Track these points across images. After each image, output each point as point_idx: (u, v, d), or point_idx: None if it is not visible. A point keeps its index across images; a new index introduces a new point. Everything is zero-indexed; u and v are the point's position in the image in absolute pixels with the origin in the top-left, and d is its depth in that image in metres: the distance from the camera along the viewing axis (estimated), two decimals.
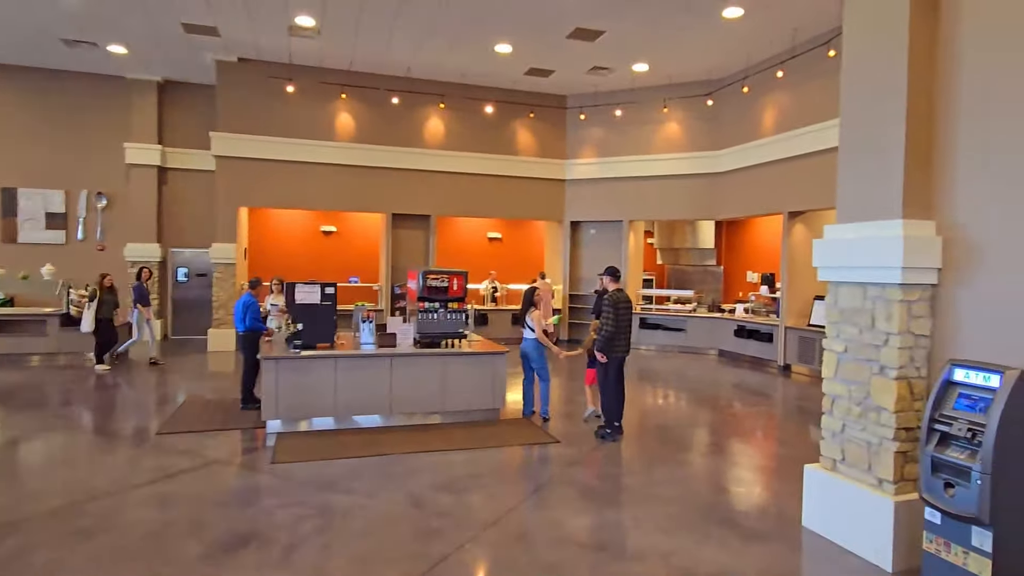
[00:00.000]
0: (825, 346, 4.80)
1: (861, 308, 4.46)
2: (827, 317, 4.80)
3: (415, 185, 14.06)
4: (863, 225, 4.47)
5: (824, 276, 4.83)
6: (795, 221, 11.72)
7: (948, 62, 4.16)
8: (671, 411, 8.77)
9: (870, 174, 4.49)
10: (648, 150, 14.14)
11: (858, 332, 4.48)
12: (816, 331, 10.97)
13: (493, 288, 15.23)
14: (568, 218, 15.04)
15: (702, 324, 13.57)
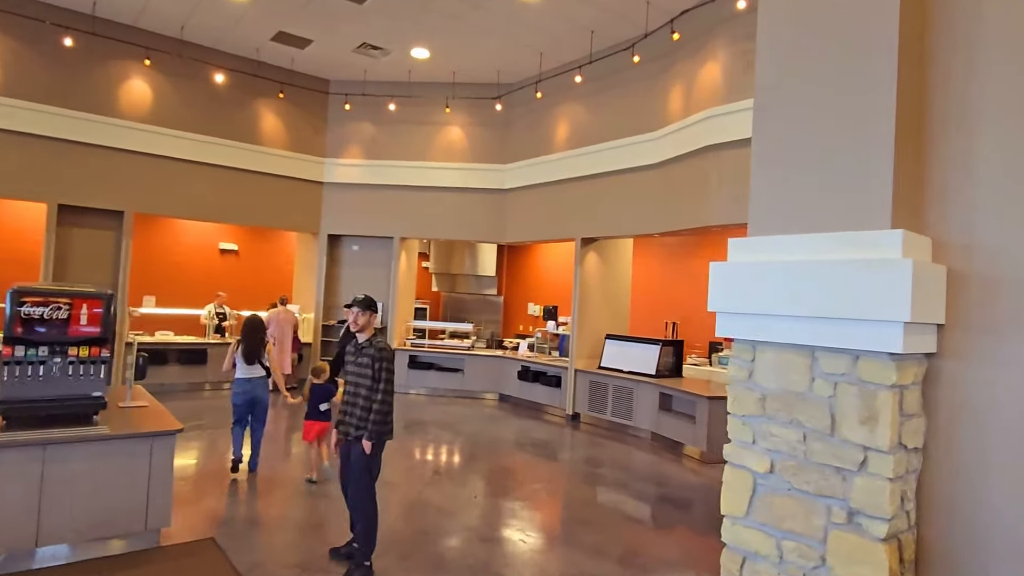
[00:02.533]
0: (729, 456, 2.64)
1: (807, 395, 2.37)
2: (733, 400, 2.66)
3: (101, 167, 9.87)
4: (820, 240, 2.40)
5: (728, 329, 2.70)
6: (588, 249, 10.20)
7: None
8: (438, 502, 6.26)
9: (833, 149, 2.46)
10: (426, 156, 11.78)
11: (799, 439, 2.38)
12: (609, 375, 9.42)
13: (220, 315, 11.46)
14: (326, 230, 11.97)
15: (481, 364, 11.44)
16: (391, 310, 11.66)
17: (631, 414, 9.05)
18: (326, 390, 6.25)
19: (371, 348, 4.22)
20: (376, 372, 4.14)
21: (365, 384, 4.17)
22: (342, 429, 4.30)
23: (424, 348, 11.70)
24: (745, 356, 2.62)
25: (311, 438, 6.26)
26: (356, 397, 4.22)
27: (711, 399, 7.73)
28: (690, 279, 11.17)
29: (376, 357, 4.16)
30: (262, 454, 6.61)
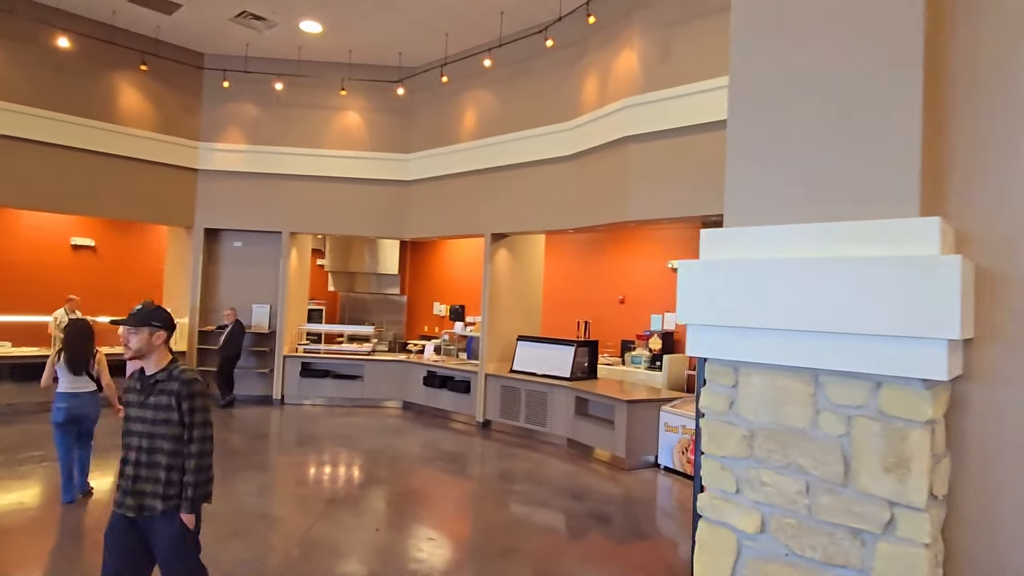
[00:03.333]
0: (704, 510, 2.07)
1: (811, 433, 1.83)
2: (709, 437, 2.09)
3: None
4: (828, 231, 1.86)
5: (701, 346, 2.12)
6: (499, 245, 9.57)
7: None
8: (332, 539, 5.39)
9: (843, 110, 1.92)
10: (319, 143, 10.69)
11: (800, 490, 1.84)
12: (522, 379, 8.86)
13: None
14: (201, 224, 10.58)
15: (383, 370, 10.54)
16: (281, 313, 10.50)
17: (546, 420, 8.54)
18: None
19: (171, 381, 2.92)
20: (184, 414, 2.91)
21: (166, 434, 2.92)
22: (130, 503, 2.90)
23: (319, 354, 10.64)
24: (724, 380, 2.05)
25: None
26: (154, 455, 2.93)
27: (630, 403, 7.34)
28: (602, 276, 10.85)
29: (182, 393, 2.89)
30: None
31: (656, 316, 10.08)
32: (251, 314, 10.67)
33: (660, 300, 10.02)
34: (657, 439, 7.46)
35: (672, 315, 9.86)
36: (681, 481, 7.02)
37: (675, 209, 6.95)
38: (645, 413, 7.43)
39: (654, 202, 7.11)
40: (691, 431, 6.99)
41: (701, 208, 6.72)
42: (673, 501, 6.54)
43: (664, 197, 7.00)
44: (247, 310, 10.63)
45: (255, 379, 10.61)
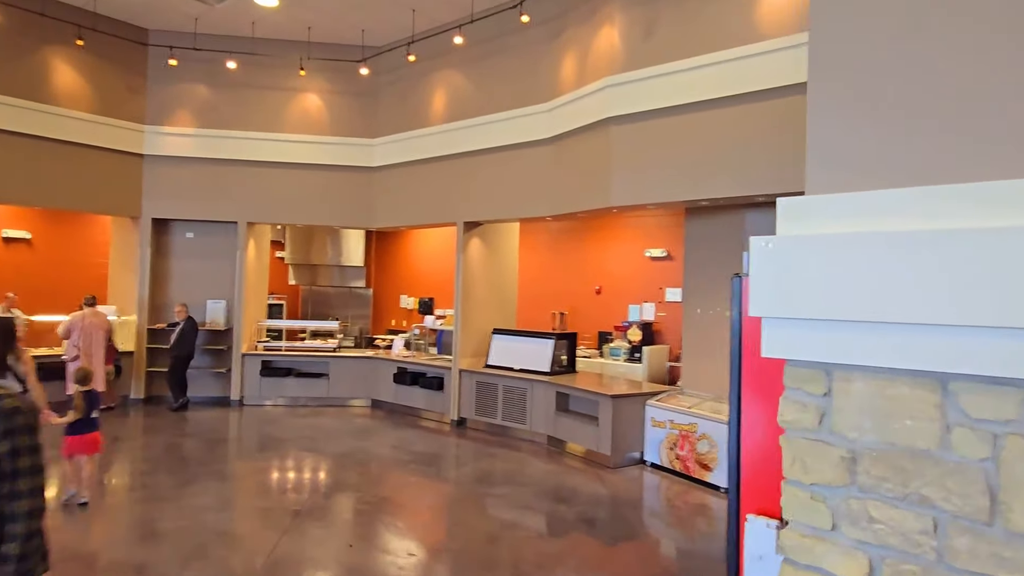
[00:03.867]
0: (789, 550, 1.64)
1: (939, 455, 1.41)
2: (793, 459, 1.66)
3: None
4: (959, 195, 1.43)
5: (783, 345, 1.68)
6: (471, 234, 9.06)
7: None
8: (300, 558, 4.85)
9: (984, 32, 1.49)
10: (277, 127, 9.97)
11: (926, 529, 1.42)
12: (498, 374, 8.39)
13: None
14: (149, 213, 9.75)
15: (350, 367, 9.94)
16: (238, 309, 9.78)
17: (524, 417, 8.10)
18: (96, 396, 5.54)
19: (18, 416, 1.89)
20: (3, 458, 1.84)
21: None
22: None
23: (281, 351, 9.96)
24: (812, 388, 1.63)
25: (89, 451, 5.39)
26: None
27: (615, 398, 6.96)
28: (577, 266, 10.46)
29: (20, 432, 1.86)
30: None
31: (634, 306, 9.74)
32: (205, 310, 9.91)
33: (638, 290, 9.68)
34: (643, 435, 7.10)
35: (651, 305, 9.55)
36: (669, 478, 6.68)
37: (660, 194, 6.57)
38: (630, 408, 7.06)
39: (638, 187, 6.71)
40: (680, 426, 6.66)
41: (688, 192, 6.35)
42: (665, 501, 6.18)
43: (648, 181, 6.61)
44: (201, 306, 9.86)
45: (211, 379, 9.87)
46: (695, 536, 5.33)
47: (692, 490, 6.32)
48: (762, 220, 6.74)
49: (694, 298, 7.44)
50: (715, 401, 6.80)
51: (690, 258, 7.54)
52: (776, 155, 5.69)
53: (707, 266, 7.29)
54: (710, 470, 6.32)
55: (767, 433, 2.39)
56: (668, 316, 9.35)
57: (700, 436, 6.42)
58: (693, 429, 6.51)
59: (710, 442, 6.33)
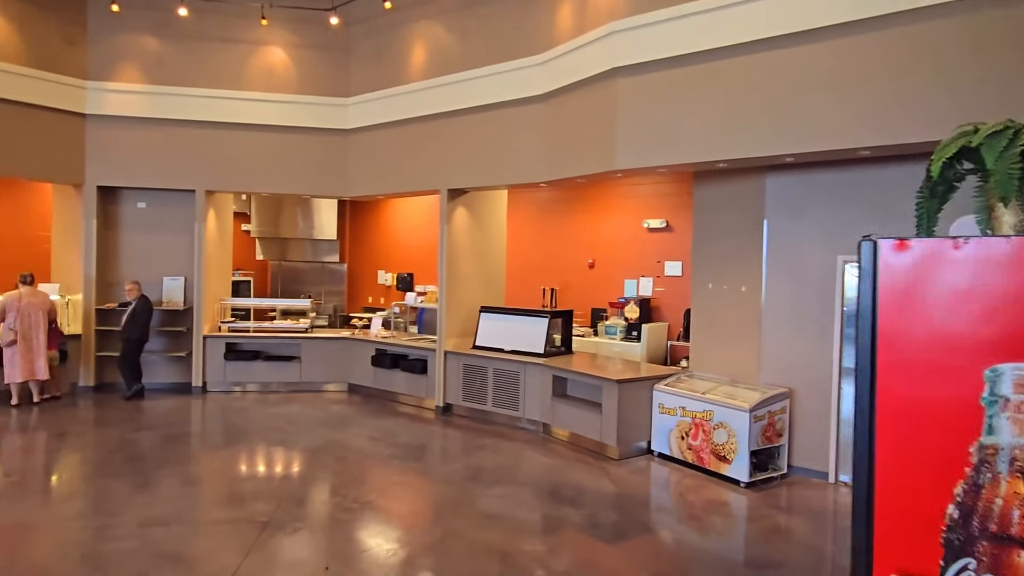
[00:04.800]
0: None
1: None
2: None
3: None
4: None
5: None
6: (456, 203, 8.19)
7: None
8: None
9: None
10: (237, 84, 8.90)
11: None
12: (487, 356, 7.63)
13: None
14: (94, 180, 8.66)
15: (324, 348, 9.07)
16: (198, 286, 8.80)
17: (517, 403, 7.37)
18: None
19: None
20: None
21: None
22: None
23: (248, 332, 9.04)
24: None
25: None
26: None
27: (621, 383, 6.25)
28: (569, 239, 9.67)
29: None
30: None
31: (630, 281, 9.02)
32: (162, 288, 8.92)
33: (635, 264, 8.95)
34: (650, 423, 6.43)
35: (649, 280, 8.83)
36: (681, 471, 6.02)
37: (673, 155, 5.78)
38: (636, 393, 6.37)
39: (647, 147, 5.91)
40: (692, 414, 5.98)
41: (706, 153, 5.58)
42: (683, 499, 5.52)
43: (659, 141, 5.81)
44: (157, 284, 8.87)
45: (169, 364, 8.93)
46: (732, 542, 4.68)
47: (709, 484, 5.67)
48: (785, 184, 6.02)
49: (704, 272, 6.73)
50: (730, 386, 6.14)
51: (700, 228, 6.80)
52: (810, 107, 4.94)
53: (719, 237, 6.56)
54: (728, 462, 5.67)
55: (922, 436, 1.68)
56: (667, 292, 8.66)
57: (717, 425, 5.76)
58: (708, 417, 5.84)
59: (728, 431, 5.67)
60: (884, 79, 4.60)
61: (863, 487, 1.79)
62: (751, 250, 6.21)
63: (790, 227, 5.99)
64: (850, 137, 4.81)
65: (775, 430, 5.74)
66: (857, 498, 1.80)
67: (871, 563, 1.77)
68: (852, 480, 1.87)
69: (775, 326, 6.05)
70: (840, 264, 5.70)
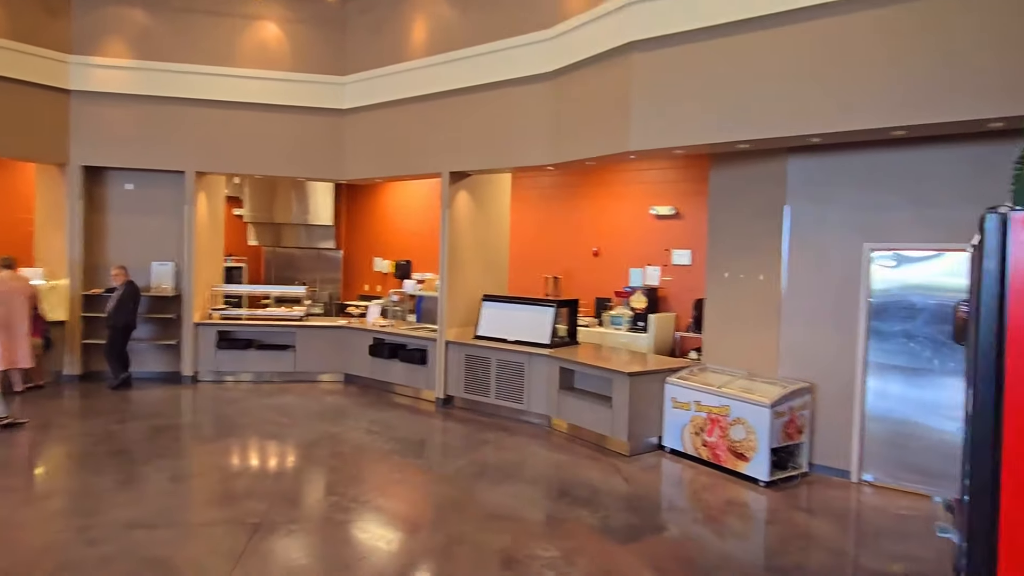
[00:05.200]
0: None
1: None
2: None
3: None
4: None
5: None
6: (458, 187, 7.82)
7: None
8: None
9: None
10: (229, 60, 8.46)
11: None
12: (490, 346, 7.29)
13: None
14: (78, 160, 8.24)
15: (319, 337, 8.71)
16: (188, 272, 8.41)
17: (521, 396, 7.04)
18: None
19: None
20: None
21: None
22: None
23: (241, 320, 8.66)
24: None
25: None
26: None
27: (633, 376, 5.93)
28: (572, 226, 9.33)
29: None
30: None
31: (636, 270, 8.69)
32: (150, 274, 8.52)
33: (641, 252, 8.62)
34: (662, 417, 6.11)
35: (655, 268, 8.50)
36: (695, 468, 5.72)
37: (692, 135, 5.42)
38: (647, 387, 6.05)
39: (663, 128, 5.55)
40: (708, 408, 5.67)
41: (727, 132, 5.22)
42: (700, 498, 5.21)
43: (678, 120, 5.45)
44: (145, 269, 8.48)
45: (159, 353, 8.56)
46: (754, 545, 4.38)
47: (726, 483, 5.38)
48: (809, 166, 5.68)
49: (719, 260, 6.39)
50: (747, 379, 5.83)
51: (715, 214, 6.46)
52: (842, 83, 4.59)
53: (737, 223, 6.22)
54: (746, 460, 5.37)
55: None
56: (675, 281, 8.34)
57: (734, 421, 5.45)
58: (725, 412, 5.53)
59: (746, 427, 5.36)
60: (927, 50, 4.25)
61: (986, 501, 1.46)
62: (770, 237, 5.88)
63: (813, 213, 5.66)
64: (886, 115, 4.46)
65: (796, 427, 5.44)
66: (978, 512, 1.48)
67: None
68: (970, 493, 1.54)
69: (795, 317, 5.73)
70: (866, 252, 5.37)
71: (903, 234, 5.24)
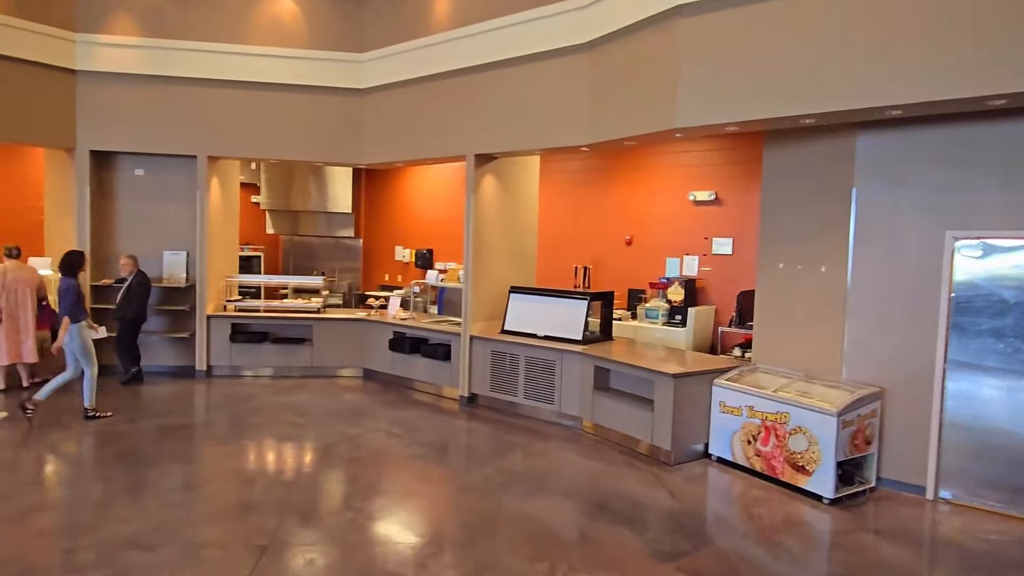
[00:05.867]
0: None
1: None
2: None
3: None
4: None
5: None
6: (484, 171, 7.25)
7: None
8: None
9: None
10: (242, 37, 7.95)
11: None
12: (519, 342, 6.74)
13: None
14: (86, 144, 7.81)
15: (337, 331, 8.24)
16: (201, 262, 7.97)
17: (552, 395, 6.49)
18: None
19: None
20: None
21: None
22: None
23: (256, 313, 8.22)
24: None
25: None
26: None
27: (678, 377, 5.34)
28: (603, 212, 8.74)
29: None
30: None
31: (672, 260, 8.09)
32: (162, 263, 8.11)
33: (678, 240, 8.01)
34: (708, 422, 5.53)
35: (694, 258, 7.88)
36: (748, 480, 5.13)
37: (749, 109, 4.77)
38: (693, 388, 5.46)
39: (715, 102, 4.91)
40: (761, 414, 5.07)
41: (791, 105, 4.56)
42: (757, 517, 4.61)
43: (731, 93, 4.80)
44: (157, 259, 8.06)
45: (170, 346, 8.15)
46: (821, 574, 3.80)
47: (784, 498, 4.79)
48: (881, 144, 5.00)
49: (774, 249, 5.75)
50: (805, 382, 5.21)
51: (770, 198, 5.81)
52: (929, 46, 3.92)
53: (795, 208, 5.57)
54: (807, 474, 4.77)
55: None
56: (715, 271, 7.72)
57: (794, 429, 4.84)
58: (783, 419, 4.93)
59: (808, 437, 4.75)
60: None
61: None
62: (835, 224, 5.23)
63: (885, 196, 4.99)
64: (984, 82, 3.79)
65: (864, 437, 4.82)
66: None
67: None
68: None
69: (862, 313, 5.09)
70: (949, 241, 4.70)
71: (992, 220, 4.57)
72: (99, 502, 4.33)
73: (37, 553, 3.66)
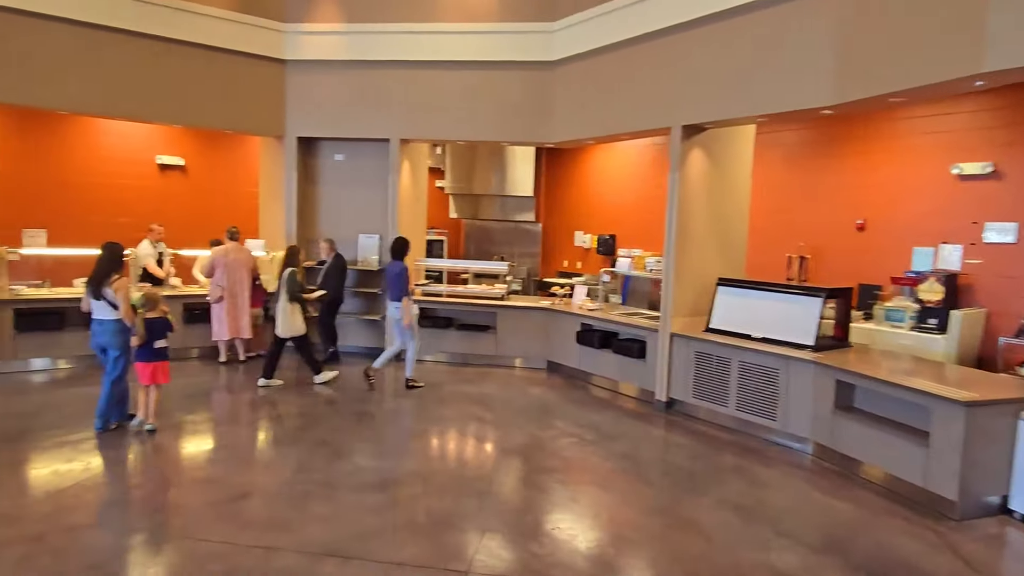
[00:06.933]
0: None
1: None
2: None
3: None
4: None
5: None
6: (691, 144, 6.20)
7: None
8: None
9: None
10: (432, 15, 7.65)
11: None
12: (730, 343, 5.66)
13: (159, 255, 7.79)
14: (294, 131, 8.04)
15: (521, 320, 7.73)
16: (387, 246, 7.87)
17: (775, 411, 5.35)
18: (162, 324, 5.05)
19: None
20: None
21: None
22: None
23: (442, 297, 7.98)
24: None
25: (147, 381, 5.03)
26: None
27: (970, 406, 3.96)
28: (826, 191, 7.26)
29: None
30: None
31: (923, 250, 6.42)
32: (357, 247, 8.16)
33: (932, 225, 6.34)
34: (1009, 469, 4.08)
35: (956, 248, 6.16)
36: None
37: None
38: (989, 421, 4.04)
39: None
40: None
41: None
42: None
43: None
44: (352, 242, 8.13)
45: (363, 328, 8.22)
46: None
47: None
48: None
49: None
50: None
51: None
52: None
53: None
54: None
55: None
56: (985, 265, 5.97)
57: None
58: None
59: None
60: None
61: None
62: None
63: None
64: None
65: None
66: None
67: None
68: None
69: None
70: None
71: None
72: (295, 497, 4.13)
73: (240, 553, 3.47)
